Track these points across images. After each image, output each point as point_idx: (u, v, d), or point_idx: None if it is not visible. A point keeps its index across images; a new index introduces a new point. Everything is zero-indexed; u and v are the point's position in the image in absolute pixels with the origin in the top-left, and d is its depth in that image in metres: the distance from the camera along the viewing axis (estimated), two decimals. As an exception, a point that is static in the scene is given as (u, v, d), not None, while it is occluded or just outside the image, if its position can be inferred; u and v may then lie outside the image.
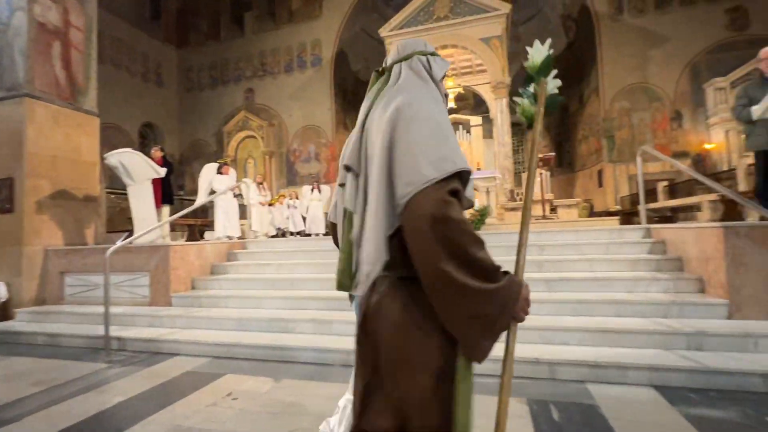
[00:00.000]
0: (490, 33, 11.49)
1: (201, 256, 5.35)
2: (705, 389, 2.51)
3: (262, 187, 9.40)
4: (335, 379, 2.96)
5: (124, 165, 5.40)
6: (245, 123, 18.00)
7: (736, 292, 3.10)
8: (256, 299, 4.38)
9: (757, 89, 3.80)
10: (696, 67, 12.85)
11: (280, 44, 17.92)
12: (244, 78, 18.49)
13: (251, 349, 3.52)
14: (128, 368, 3.40)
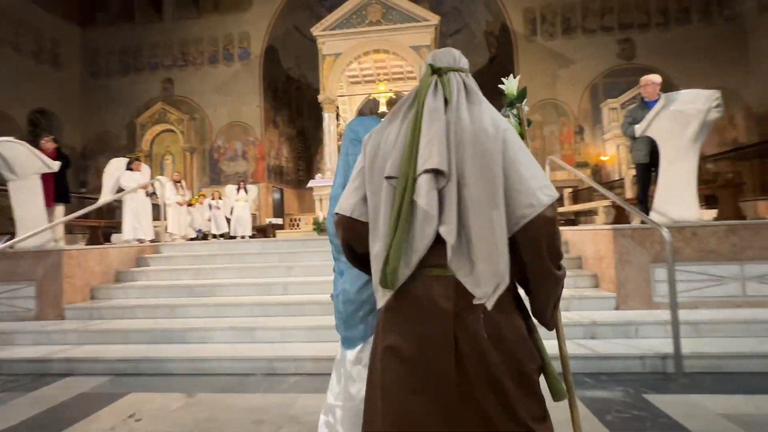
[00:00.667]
0: (420, 42, 11.90)
1: (103, 261, 4.77)
2: (597, 373, 2.83)
3: (179, 185, 8.68)
4: (256, 390, 2.82)
5: (3, 157, 4.61)
6: (163, 115, 16.51)
7: (622, 286, 3.55)
8: (168, 308, 4.01)
9: (638, 111, 4.42)
10: (594, 88, 14.62)
11: (204, 34, 16.75)
12: (162, 66, 16.96)
13: (161, 363, 3.21)
14: (5, 395, 2.90)
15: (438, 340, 0.97)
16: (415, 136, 1.06)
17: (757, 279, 3.45)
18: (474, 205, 1.01)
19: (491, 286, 0.98)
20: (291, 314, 3.83)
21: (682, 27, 14.38)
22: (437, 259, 1.01)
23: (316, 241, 5.67)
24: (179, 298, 4.30)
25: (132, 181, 6.80)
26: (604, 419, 2.18)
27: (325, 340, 3.38)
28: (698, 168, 3.96)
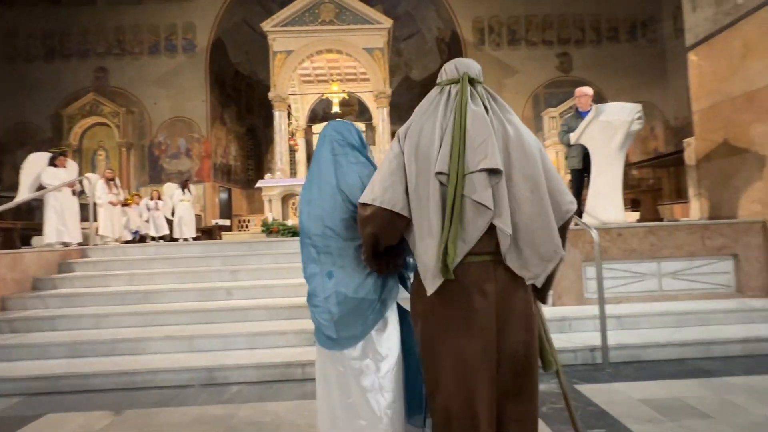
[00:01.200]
0: (373, 44, 11.96)
1: (17, 268, 4.27)
2: (534, 367, 2.99)
3: (113, 183, 8.02)
4: (193, 402, 2.65)
5: None
6: (95, 107, 15.16)
7: (558, 284, 3.79)
8: (95, 318, 3.67)
9: (573, 120, 4.75)
10: (537, 98, 15.56)
11: (144, 22, 15.64)
12: (94, 54, 15.59)
13: (85, 379, 2.93)
14: None
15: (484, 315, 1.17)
16: (461, 136, 1.18)
17: (671, 275, 3.83)
18: (521, 200, 1.19)
19: (540, 269, 1.22)
20: (235, 320, 3.66)
21: (612, 45, 15.73)
22: (479, 248, 1.17)
23: (264, 243, 5.48)
24: (108, 306, 3.95)
25: (55, 178, 6.17)
26: (541, 412, 2.30)
27: (271, 346, 3.28)
28: (624, 174, 4.34)
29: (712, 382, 2.61)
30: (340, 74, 14.13)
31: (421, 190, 1.19)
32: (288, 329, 3.37)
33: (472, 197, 1.14)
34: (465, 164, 1.16)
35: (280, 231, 7.11)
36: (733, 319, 3.44)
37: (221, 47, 16.15)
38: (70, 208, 6.37)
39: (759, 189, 3.94)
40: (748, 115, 4.01)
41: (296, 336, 3.32)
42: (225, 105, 16.89)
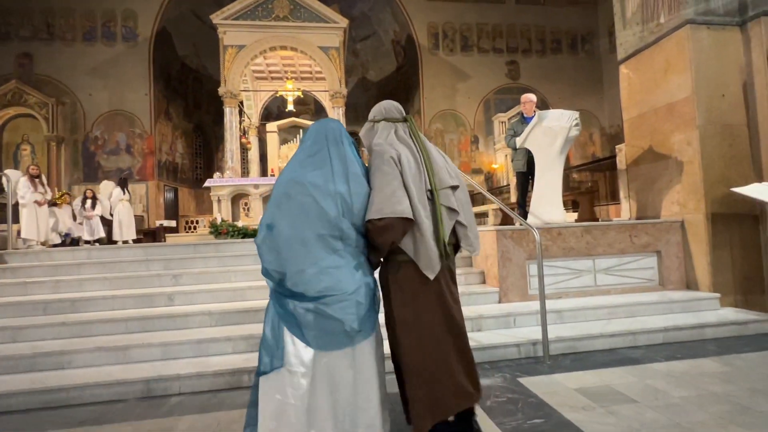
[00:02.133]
0: (329, 43, 11.84)
1: None
2: (481, 362, 3.08)
3: (38, 181, 7.29)
4: (127, 418, 2.46)
5: None
6: (17, 97, 13.72)
7: (504, 281, 3.96)
8: (12, 330, 3.30)
9: (519, 125, 5.00)
10: (487, 103, 16.20)
11: (77, 5, 14.41)
12: (17, 38, 14.13)
13: (1, 399, 2.62)
14: None
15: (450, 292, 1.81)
16: (429, 163, 1.73)
17: (604, 271, 4.14)
18: (463, 203, 1.81)
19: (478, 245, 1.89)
20: (176, 327, 3.45)
21: (555, 55, 16.75)
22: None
23: (211, 245, 5.22)
24: (28, 317, 3.57)
25: (-34, 174, 5.49)
26: (485, 405, 2.39)
27: (217, 353, 3.13)
28: (564, 177, 4.62)
29: (637, 369, 2.84)
30: (295, 72, 13.84)
31: (421, 202, 1.65)
32: (234, 335, 3.23)
33: (447, 205, 1.73)
34: (437, 182, 1.72)
35: (230, 232, 6.82)
36: (656, 310, 3.78)
37: (166, 38, 15.26)
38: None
39: (678, 191, 4.36)
40: (669, 124, 4.43)
41: (245, 342, 3.20)
42: (171, 99, 15.96)
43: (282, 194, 1.56)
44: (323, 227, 1.53)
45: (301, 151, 1.66)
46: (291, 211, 1.53)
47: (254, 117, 14.64)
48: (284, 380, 1.51)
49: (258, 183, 8.95)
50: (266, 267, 1.56)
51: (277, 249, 1.52)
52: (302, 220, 1.52)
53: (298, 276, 1.51)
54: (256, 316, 3.59)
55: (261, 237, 1.56)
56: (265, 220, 1.57)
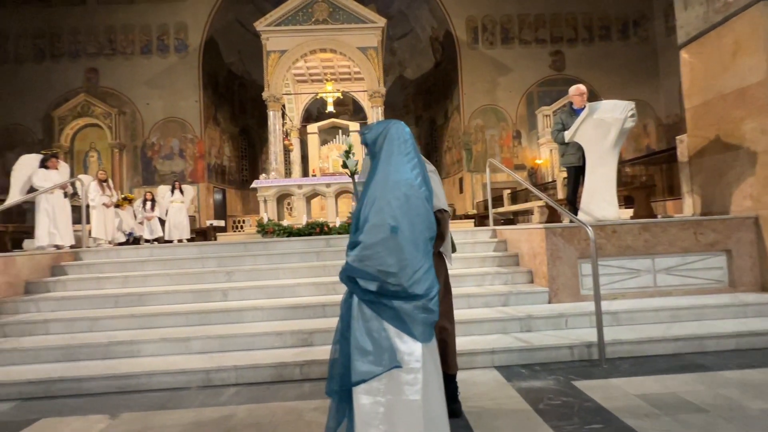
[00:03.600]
0: (367, 43, 11.96)
1: (9, 271, 4.21)
2: (531, 364, 3.00)
3: (105, 185, 7.93)
4: (191, 404, 2.63)
5: None
6: (86, 108, 15.02)
7: (554, 281, 3.81)
8: (89, 321, 3.63)
9: (568, 117, 4.77)
10: (530, 96, 15.64)
11: (135, 22, 15.51)
12: (84, 54, 15.44)
13: (80, 383, 2.89)
14: None
15: None
16: None
17: (665, 271, 3.87)
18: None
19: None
20: (231, 321, 3.64)
21: (603, 43, 15.84)
22: None
23: (260, 244, 5.44)
24: (102, 309, 3.91)
25: (47, 180, 6.08)
26: (538, 408, 2.32)
27: (269, 347, 3.27)
28: (618, 171, 4.36)
29: (706, 376, 2.64)
30: (334, 74, 14.10)
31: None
32: (285, 330, 3.36)
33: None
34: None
35: (276, 231, 7.07)
36: (727, 314, 3.48)
37: (214, 47, 16.06)
38: (62, 211, 6.29)
39: (751, 185, 3.99)
40: (740, 111, 4.05)
41: (293, 336, 3.31)
42: (218, 105, 16.80)
43: (401, 194, 1.55)
44: (427, 228, 1.61)
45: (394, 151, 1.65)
46: (409, 212, 1.54)
47: (296, 119, 15.08)
48: (395, 381, 1.49)
49: (301, 183, 9.20)
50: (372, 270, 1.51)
51: (399, 251, 1.50)
52: (417, 222, 1.56)
53: (414, 276, 1.52)
54: (304, 312, 3.71)
55: (380, 238, 1.50)
56: (386, 222, 1.51)
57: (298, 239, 5.69)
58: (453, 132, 16.77)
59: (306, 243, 5.32)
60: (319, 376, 2.96)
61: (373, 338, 1.52)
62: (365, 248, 1.52)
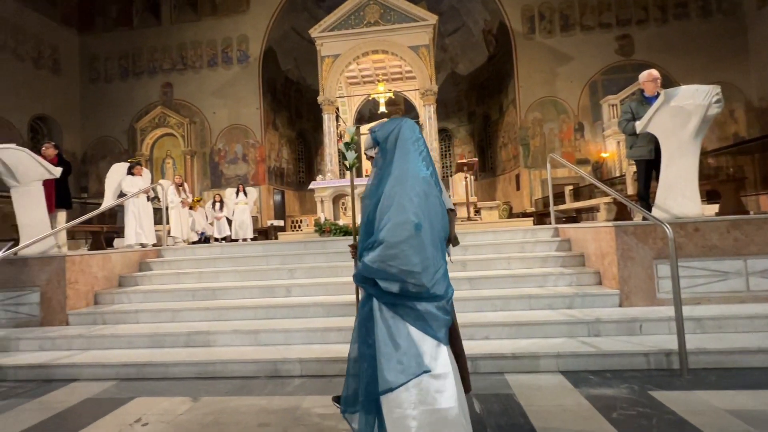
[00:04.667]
0: (419, 42, 11.91)
1: (106, 267, 4.78)
2: (601, 371, 2.82)
3: (182, 189, 8.70)
4: (261, 392, 2.82)
5: (5, 163, 4.61)
6: (162, 119, 16.55)
7: (625, 283, 3.55)
8: (172, 312, 4.02)
9: (639, 106, 4.40)
10: (594, 85, 14.60)
11: (203, 37, 16.78)
12: (161, 71, 17.00)
13: (166, 368, 3.22)
14: (10, 401, 2.91)
15: None
16: None
17: (760, 274, 3.44)
18: None
19: None
20: (295, 316, 3.84)
21: (680, 22, 14.36)
22: None
23: (318, 243, 5.67)
24: (182, 301, 4.31)
25: (134, 185, 6.81)
26: (610, 417, 2.18)
27: (330, 342, 3.39)
28: (699, 163, 3.95)
29: (815, 394, 2.32)
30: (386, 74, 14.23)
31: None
32: (345, 326, 3.47)
33: None
34: None
35: (332, 231, 7.31)
36: (841, 324, 3.02)
37: (272, 56, 16.91)
38: (146, 212, 7.01)
39: None
40: None
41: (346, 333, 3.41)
42: (277, 111, 17.66)
43: (422, 192, 1.49)
44: (443, 229, 1.56)
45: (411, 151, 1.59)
46: (429, 211, 1.49)
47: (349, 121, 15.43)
48: (425, 386, 1.40)
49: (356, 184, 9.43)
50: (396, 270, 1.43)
51: (423, 250, 1.43)
52: (435, 221, 1.51)
53: (435, 276, 1.46)
54: (363, 310, 3.80)
55: (404, 236, 1.42)
56: (410, 219, 1.43)
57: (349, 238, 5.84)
58: (508, 127, 16.16)
59: (362, 242, 5.43)
60: (379, 372, 3.03)
61: (397, 343, 1.43)
62: (389, 247, 1.42)
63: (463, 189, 10.42)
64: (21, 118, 14.47)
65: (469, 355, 2.96)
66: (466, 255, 4.81)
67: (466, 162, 9.11)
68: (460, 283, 4.08)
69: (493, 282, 4.07)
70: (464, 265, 4.49)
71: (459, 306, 3.68)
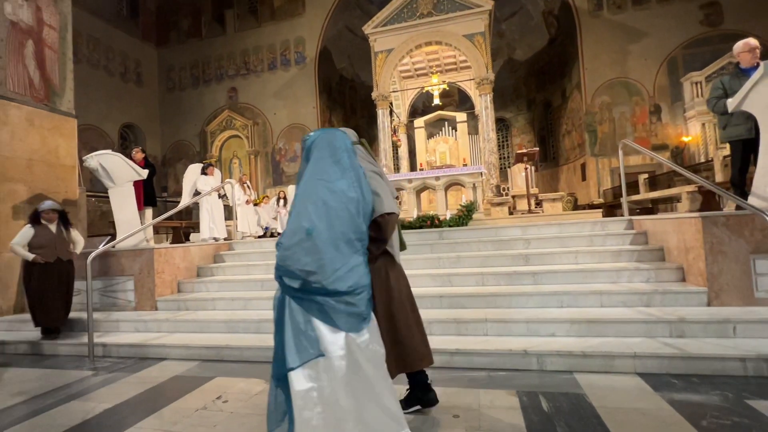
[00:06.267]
0: (474, 29, 11.56)
1: (186, 258, 5.26)
2: (687, 375, 2.58)
3: (246, 186, 9.29)
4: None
5: (104, 167, 5.26)
6: (229, 122, 17.75)
7: (715, 280, 3.19)
8: (243, 300, 4.33)
9: (733, 81, 3.88)
10: (673, 62, 13.16)
11: (263, 42, 17.68)
12: (226, 77, 18.20)
13: (240, 351, 3.48)
14: (114, 375, 3.33)
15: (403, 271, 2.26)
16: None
17: None
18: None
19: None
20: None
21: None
22: None
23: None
24: (252, 291, 4.62)
25: (207, 184, 7.41)
26: (699, 424, 1.99)
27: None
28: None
29: None
30: (439, 65, 14.01)
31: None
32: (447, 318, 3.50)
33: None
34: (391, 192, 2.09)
35: (389, 224, 7.39)
36: None
37: (327, 55, 17.36)
38: (218, 209, 7.61)
39: None
40: None
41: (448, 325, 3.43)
42: (332, 109, 18.15)
43: (319, 200, 1.69)
44: (351, 230, 1.72)
45: (321, 159, 1.81)
46: (328, 216, 1.68)
47: (402, 115, 15.43)
48: (322, 367, 1.63)
49: (411, 177, 9.43)
50: (295, 268, 1.65)
51: (316, 251, 1.64)
52: (336, 225, 1.69)
53: (335, 274, 1.66)
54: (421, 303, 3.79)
55: (296, 240, 1.66)
56: (303, 226, 1.66)
57: (411, 232, 5.85)
58: (572, 113, 15.14)
59: (419, 236, 5.44)
60: (440, 365, 3.02)
61: (300, 330, 1.67)
62: (284, 249, 1.68)
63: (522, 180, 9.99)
64: (112, 127, 16.33)
65: (535, 352, 2.85)
66: (528, 249, 4.62)
67: (526, 152, 8.71)
68: (523, 278, 3.93)
69: (558, 277, 3.87)
70: (527, 259, 4.32)
71: (522, 301, 3.56)
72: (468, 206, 7.15)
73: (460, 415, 2.25)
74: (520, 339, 3.08)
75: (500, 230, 5.17)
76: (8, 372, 3.59)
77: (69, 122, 6.16)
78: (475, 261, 4.52)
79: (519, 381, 2.67)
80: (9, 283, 5.19)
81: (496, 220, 8.16)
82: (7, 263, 5.17)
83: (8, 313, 5.11)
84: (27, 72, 5.65)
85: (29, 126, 5.59)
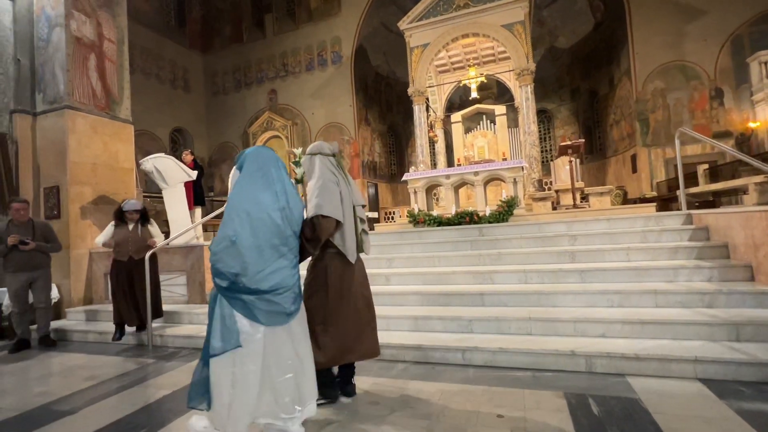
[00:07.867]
0: (513, 19, 11.16)
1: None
2: (758, 383, 2.37)
3: (288, 185, 9.58)
4: (367, 373, 2.99)
5: (158, 169, 5.62)
6: (269, 123, 18.35)
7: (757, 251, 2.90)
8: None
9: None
10: (737, 41, 12.03)
11: (301, 44, 18.09)
12: (266, 79, 18.81)
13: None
14: (171, 363, 3.57)
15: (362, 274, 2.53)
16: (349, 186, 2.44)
17: None
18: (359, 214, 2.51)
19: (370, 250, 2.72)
20: (395, 304, 3.97)
21: None
22: None
23: (414, 233, 5.75)
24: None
25: (250, 183, 7.73)
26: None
27: (430, 330, 3.44)
28: None
29: None
30: (476, 58, 13.68)
31: (348, 213, 2.36)
32: (445, 315, 3.48)
33: (360, 216, 2.49)
34: (354, 201, 2.45)
35: (426, 221, 7.34)
36: None
37: (363, 53, 17.47)
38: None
39: None
40: None
41: (453, 322, 3.40)
42: (368, 106, 18.26)
43: (243, 211, 1.94)
44: (274, 237, 1.95)
45: (249, 174, 2.03)
46: (251, 225, 1.92)
47: (439, 110, 15.23)
48: (238, 356, 1.89)
49: (449, 173, 9.28)
50: (223, 270, 1.92)
51: (240, 256, 1.90)
52: (260, 232, 1.93)
53: (258, 275, 1.90)
54: (461, 300, 3.76)
55: (222, 246, 1.92)
56: (228, 234, 1.92)
57: (450, 228, 5.78)
58: (621, 101, 14.26)
59: (459, 232, 5.37)
60: (482, 363, 2.97)
61: (225, 324, 1.92)
62: (213, 254, 1.95)
63: (566, 174, 9.58)
64: (164, 131, 17.39)
65: (583, 353, 2.73)
66: (575, 245, 4.42)
67: (570, 144, 8.32)
68: (569, 276, 3.78)
69: (608, 275, 3.68)
70: (573, 256, 4.14)
71: (568, 300, 3.42)
72: (508, 201, 6.95)
73: (504, 415, 2.20)
74: (566, 339, 2.97)
75: (543, 226, 4.98)
76: (79, 359, 3.94)
77: (127, 128, 6.63)
78: (517, 258, 4.39)
79: (566, 382, 2.58)
80: (80, 277, 5.69)
81: (539, 216, 7.86)
82: (77, 259, 5.67)
83: (79, 304, 5.61)
84: (90, 83, 6.14)
85: (93, 133, 6.08)
